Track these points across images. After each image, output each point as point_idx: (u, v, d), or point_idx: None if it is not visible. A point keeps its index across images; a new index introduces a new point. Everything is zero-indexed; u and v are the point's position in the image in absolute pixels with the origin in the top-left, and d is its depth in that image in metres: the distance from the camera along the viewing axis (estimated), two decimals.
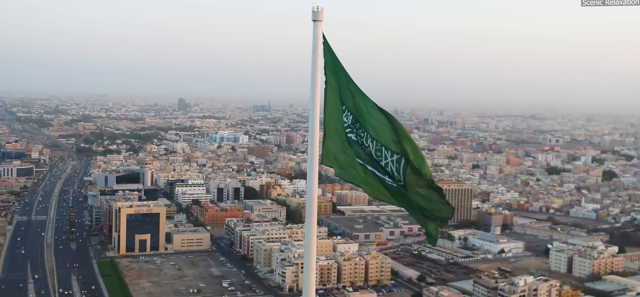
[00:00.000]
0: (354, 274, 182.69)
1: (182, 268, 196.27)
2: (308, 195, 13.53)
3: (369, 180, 13.51)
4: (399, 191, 13.00)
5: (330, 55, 13.43)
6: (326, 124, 13.70)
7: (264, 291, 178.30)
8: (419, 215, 13.05)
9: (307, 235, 13.60)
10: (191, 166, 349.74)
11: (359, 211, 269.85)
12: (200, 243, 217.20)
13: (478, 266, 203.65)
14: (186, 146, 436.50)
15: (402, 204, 13.21)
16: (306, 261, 13.73)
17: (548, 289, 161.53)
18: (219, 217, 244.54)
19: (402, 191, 12.93)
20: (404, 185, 12.81)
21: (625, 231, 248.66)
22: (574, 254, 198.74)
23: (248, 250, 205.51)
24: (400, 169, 12.75)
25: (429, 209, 12.81)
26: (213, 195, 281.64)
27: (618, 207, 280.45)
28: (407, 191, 12.86)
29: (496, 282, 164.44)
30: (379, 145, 13.06)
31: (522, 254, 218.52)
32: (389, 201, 13.53)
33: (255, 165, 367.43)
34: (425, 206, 12.83)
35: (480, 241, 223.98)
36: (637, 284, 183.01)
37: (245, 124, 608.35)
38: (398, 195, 13.10)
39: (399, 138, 12.84)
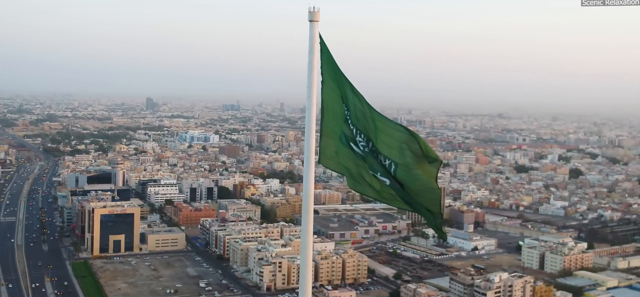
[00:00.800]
0: (332, 273, 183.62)
1: (157, 268, 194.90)
2: (305, 194, 13.77)
3: (368, 179, 13.64)
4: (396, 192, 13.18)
5: (327, 55, 13.56)
6: (323, 123, 13.81)
7: (241, 291, 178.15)
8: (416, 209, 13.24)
9: (304, 234, 13.78)
10: (162, 166, 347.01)
11: (333, 209, 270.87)
12: (175, 243, 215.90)
13: (452, 263, 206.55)
14: (156, 146, 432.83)
15: (398, 204, 13.44)
16: (303, 260, 13.87)
17: (522, 285, 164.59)
18: (193, 217, 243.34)
19: (399, 191, 13.12)
20: (399, 185, 13.03)
21: (593, 227, 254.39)
22: (545, 251, 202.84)
23: (224, 250, 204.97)
24: (392, 170, 13.03)
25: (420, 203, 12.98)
26: (186, 195, 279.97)
27: (585, 204, 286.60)
28: (402, 191, 13.07)
29: (472, 279, 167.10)
30: (373, 145, 13.28)
31: (494, 251, 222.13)
32: (389, 203, 13.68)
33: (227, 164, 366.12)
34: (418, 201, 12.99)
35: (454, 239, 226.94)
36: (606, 279, 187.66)
37: (214, 124, 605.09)
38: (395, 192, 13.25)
39: (389, 140, 13.04)
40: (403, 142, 12.85)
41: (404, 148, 12.84)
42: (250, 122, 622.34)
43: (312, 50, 13.35)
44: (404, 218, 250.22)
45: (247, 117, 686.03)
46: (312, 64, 13.42)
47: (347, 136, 13.73)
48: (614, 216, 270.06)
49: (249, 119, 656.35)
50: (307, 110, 13.55)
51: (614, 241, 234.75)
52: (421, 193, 12.87)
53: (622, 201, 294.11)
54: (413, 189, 12.90)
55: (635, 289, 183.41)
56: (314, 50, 13.35)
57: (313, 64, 13.42)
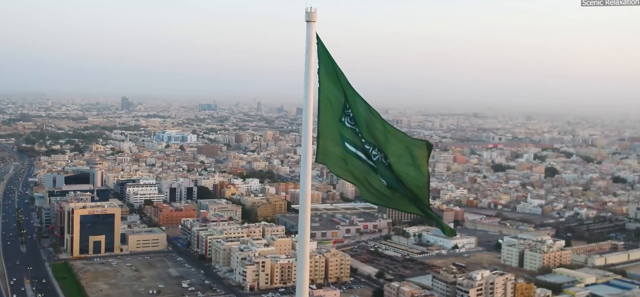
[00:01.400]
0: (315, 272, 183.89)
1: (139, 269, 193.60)
2: (302, 194, 13.79)
3: (364, 177, 13.71)
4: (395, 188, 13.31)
5: (325, 55, 13.65)
6: (320, 123, 13.86)
7: (224, 291, 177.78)
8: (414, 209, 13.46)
9: (301, 233, 13.77)
10: (140, 166, 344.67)
11: (314, 209, 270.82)
12: (156, 244, 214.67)
13: (433, 261, 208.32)
14: (133, 146, 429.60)
15: (394, 205, 13.63)
16: (300, 259, 13.92)
17: (504, 283, 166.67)
18: (173, 217, 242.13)
19: (397, 191, 13.28)
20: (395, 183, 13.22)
21: (570, 225, 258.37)
22: (524, 249, 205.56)
23: (206, 250, 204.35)
24: (388, 169, 13.23)
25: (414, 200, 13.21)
26: (165, 195, 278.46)
27: (561, 202, 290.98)
28: (399, 190, 13.23)
29: (455, 277, 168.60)
30: (370, 143, 13.48)
31: (474, 249, 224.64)
32: (383, 202, 13.79)
33: (205, 164, 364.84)
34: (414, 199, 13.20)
35: (434, 237, 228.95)
36: (585, 276, 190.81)
37: (191, 123, 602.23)
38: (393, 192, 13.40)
39: (385, 139, 13.26)
40: (400, 141, 13.21)
41: (400, 146, 13.17)
42: (227, 122, 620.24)
43: (309, 50, 13.45)
44: (385, 217, 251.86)
45: (224, 116, 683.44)
46: (309, 64, 13.51)
47: (346, 136, 13.81)
48: (589, 213, 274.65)
49: (226, 119, 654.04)
50: (304, 109, 13.64)
51: (591, 238, 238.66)
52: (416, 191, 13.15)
53: (597, 199, 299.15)
54: (410, 187, 13.13)
55: (613, 285, 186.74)
56: (311, 50, 13.45)
57: (310, 64, 13.51)
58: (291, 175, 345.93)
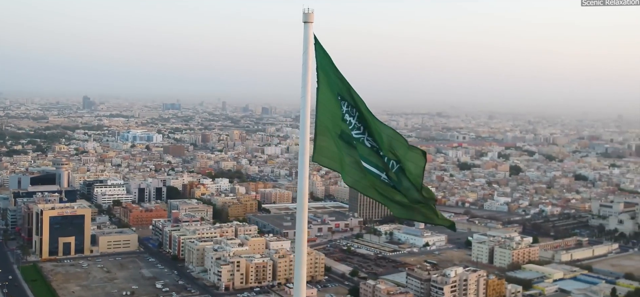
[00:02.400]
0: (289, 271, 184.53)
1: (111, 270, 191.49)
2: (299, 193, 13.86)
3: (361, 175, 13.93)
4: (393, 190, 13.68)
5: (323, 55, 13.76)
6: (318, 122, 13.93)
7: (199, 291, 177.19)
8: (413, 214, 13.91)
9: (299, 232, 13.93)
10: (106, 166, 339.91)
11: (284, 208, 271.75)
12: (127, 244, 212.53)
13: (405, 259, 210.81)
14: (98, 146, 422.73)
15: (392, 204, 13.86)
16: (297, 258, 14.04)
17: (476, 279, 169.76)
18: (144, 218, 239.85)
19: (396, 190, 13.63)
20: (397, 180, 13.60)
21: (536, 222, 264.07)
22: (494, 246, 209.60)
23: (179, 250, 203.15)
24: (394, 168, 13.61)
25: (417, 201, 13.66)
26: (134, 195, 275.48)
27: (527, 200, 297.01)
28: (400, 188, 13.58)
29: (429, 274, 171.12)
30: (374, 141, 13.71)
31: (445, 246, 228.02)
32: (380, 200, 14.07)
33: (172, 164, 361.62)
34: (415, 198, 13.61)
35: (406, 235, 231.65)
36: (553, 272, 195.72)
37: (156, 123, 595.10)
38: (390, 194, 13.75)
39: (390, 141, 13.62)
40: (395, 141, 13.75)
41: (396, 146, 13.70)
42: (192, 122, 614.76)
43: (306, 50, 13.57)
44: (356, 216, 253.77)
45: (188, 116, 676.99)
46: (307, 65, 13.62)
47: (347, 135, 13.96)
48: (554, 211, 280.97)
49: (191, 118, 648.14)
50: (301, 109, 13.74)
51: (556, 235, 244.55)
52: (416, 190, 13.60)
53: (561, 196, 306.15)
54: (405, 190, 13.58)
55: (580, 280, 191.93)
56: (309, 51, 13.58)
57: (307, 65, 13.62)
58: (260, 174, 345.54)
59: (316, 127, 13.93)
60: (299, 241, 14.01)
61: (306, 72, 13.58)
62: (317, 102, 13.86)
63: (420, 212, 13.89)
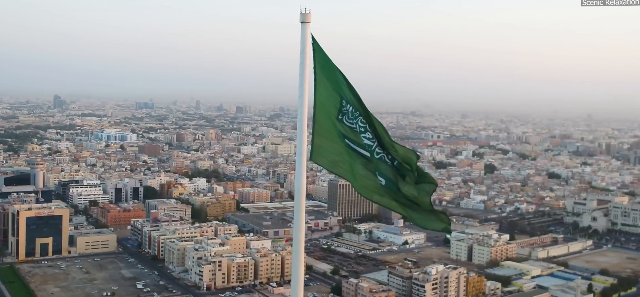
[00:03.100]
0: (271, 270, 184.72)
1: (90, 271, 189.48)
2: (297, 192, 14.00)
3: (361, 174, 13.99)
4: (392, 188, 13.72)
5: (322, 54, 13.78)
6: (316, 121, 13.88)
7: (181, 291, 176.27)
8: (411, 213, 13.96)
9: (296, 231, 13.98)
10: (81, 166, 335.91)
11: (263, 208, 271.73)
12: (106, 245, 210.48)
13: (385, 257, 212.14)
14: (71, 145, 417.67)
15: (392, 204, 13.93)
16: (295, 257, 14.10)
17: (457, 276, 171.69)
18: (122, 218, 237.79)
19: (395, 188, 13.67)
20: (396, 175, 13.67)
21: (512, 219, 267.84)
22: (473, 243, 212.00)
23: (159, 250, 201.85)
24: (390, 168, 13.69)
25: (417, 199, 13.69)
26: (111, 195, 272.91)
27: (502, 198, 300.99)
28: (400, 182, 13.63)
29: (410, 272, 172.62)
30: (374, 139, 13.77)
31: (424, 244, 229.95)
32: (378, 200, 14.14)
33: (148, 164, 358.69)
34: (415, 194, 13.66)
35: (385, 234, 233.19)
36: (530, 268, 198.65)
37: (129, 122, 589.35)
38: (389, 192, 13.83)
39: (390, 140, 13.79)
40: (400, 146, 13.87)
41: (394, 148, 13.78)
42: (166, 121, 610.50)
43: (304, 50, 13.61)
44: (335, 215, 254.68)
45: (162, 115, 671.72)
46: (304, 65, 13.69)
47: (345, 134, 13.98)
48: (529, 208, 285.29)
49: (165, 117, 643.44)
50: (299, 109, 13.82)
51: (532, 232, 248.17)
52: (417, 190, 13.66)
53: (535, 194, 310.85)
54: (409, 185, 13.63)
55: (557, 276, 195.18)
56: (306, 50, 13.62)
57: (305, 64, 13.69)
58: (237, 174, 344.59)
59: (314, 126, 13.89)
60: (297, 240, 14.00)
61: (303, 72, 13.66)
62: (314, 102, 13.88)
63: (417, 213, 13.93)
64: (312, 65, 13.73)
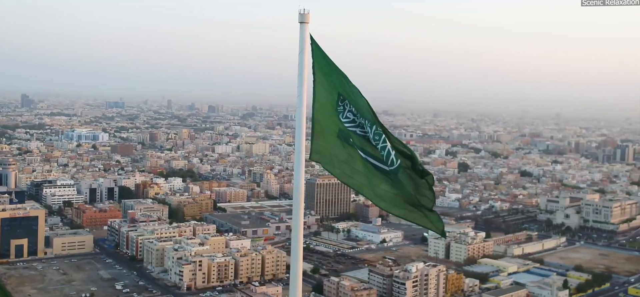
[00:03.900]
0: (251, 270, 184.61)
1: (67, 272, 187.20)
2: (295, 192, 13.98)
3: (360, 173, 13.91)
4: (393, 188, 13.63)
5: (320, 54, 13.79)
6: (315, 121, 13.88)
7: (161, 291, 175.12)
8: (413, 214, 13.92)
9: (295, 230, 13.97)
10: (52, 166, 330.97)
11: (240, 207, 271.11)
12: (82, 246, 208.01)
13: (364, 256, 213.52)
14: (41, 145, 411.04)
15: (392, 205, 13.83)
16: (293, 257, 14.10)
17: (437, 274, 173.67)
18: (98, 219, 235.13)
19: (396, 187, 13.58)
20: (397, 168, 13.53)
21: (487, 217, 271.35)
22: (450, 241, 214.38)
23: (137, 250, 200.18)
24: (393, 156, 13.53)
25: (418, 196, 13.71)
26: (85, 196, 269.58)
27: (477, 196, 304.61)
28: (399, 176, 13.51)
29: (391, 270, 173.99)
30: (379, 134, 13.64)
31: (401, 242, 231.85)
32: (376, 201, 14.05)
33: (122, 163, 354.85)
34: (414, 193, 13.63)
35: (363, 232, 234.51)
36: (507, 265, 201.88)
37: (100, 122, 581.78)
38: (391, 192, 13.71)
39: (392, 139, 13.64)
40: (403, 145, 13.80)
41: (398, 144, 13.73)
42: (137, 120, 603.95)
43: (302, 51, 13.65)
44: (313, 214, 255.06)
45: (133, 114, 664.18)
46: (303, 65, 13.71)
47: (345, 133, 13.93)
48: (503, 206, 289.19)
49: (136, 117, 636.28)
50: (297, 109, 13.84)
51: (507, 229, 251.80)
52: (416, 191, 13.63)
53: (509, 192, 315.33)
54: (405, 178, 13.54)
55: (533, 273, 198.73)
56: (305, 51, 13.65)
57: (303, 65, 13.71)
58: (213, 173, 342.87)
59: (313, 126, 13.93)
60: (295, 240, 14.02)
61: (302, 72, 13.70)
62: (313, 102, 13.88)
63: (415, 214, 13.92)
64: (310, 65, 13.76)
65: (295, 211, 13.99)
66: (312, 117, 13.87)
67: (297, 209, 13.91)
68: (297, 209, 13.94)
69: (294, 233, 14.09)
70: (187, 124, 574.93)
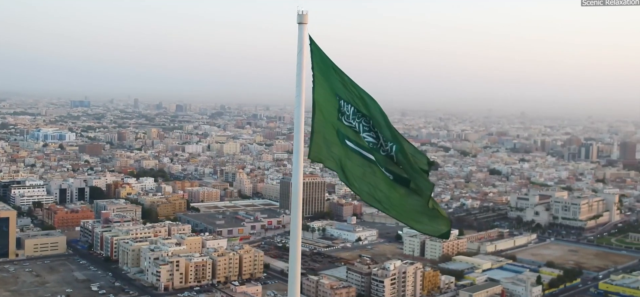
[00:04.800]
0: (229, 269, 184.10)
1: (41, 274, 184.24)
2: (294, 191, 13.91)
3: (358, 175, 13.75)
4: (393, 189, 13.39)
5: (320, 55, 13.80)
6: (315, 121, 13.85)
7: (138, 292, 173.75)
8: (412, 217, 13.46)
9: (294, 230, 13.90)
10: (19, 167, 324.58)
11: (213, 207, 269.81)
12: (55, 247, 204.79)
13: (340, 254, 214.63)
14: (6, 145, 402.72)
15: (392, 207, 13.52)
16: (292, 257, 14.02)
17: (414, 271, 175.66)
18: (70, 219, 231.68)
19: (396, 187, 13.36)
20: (400, 174, 13.29)
21: (459, 215, 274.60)
22: (425, 239, 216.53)
23: (112, 251, 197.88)
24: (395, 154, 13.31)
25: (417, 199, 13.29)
26: (55, 196, 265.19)
27: (448, 194, 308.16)
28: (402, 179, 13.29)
29: (369, 268, 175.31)
30: (379, 134, 13.49)
31: (376, 241, 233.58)
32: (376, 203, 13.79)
33: (91, 163, 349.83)
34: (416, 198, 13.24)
35: (338, 231, 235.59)
36: (481, 262, 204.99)
37: (65, 121, 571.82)
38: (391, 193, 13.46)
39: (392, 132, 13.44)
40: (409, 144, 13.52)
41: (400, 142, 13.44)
42: (104, 119, 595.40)
43: (301, 51, 13.67)
44: (287, 213, 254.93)
45: (99, 113, 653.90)
46: (301, 66, 13.71)
47: (345, 133, 13.87)
48: (474, 204, 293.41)
49: (103, 116, 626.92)
50: (296, 109, 13.75)
51: (479, 227, 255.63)
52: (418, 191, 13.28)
53: (479, 190, 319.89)
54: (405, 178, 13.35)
55: (506, 269, 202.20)
56: (303, 51, 13.66)
57: (302, 65, 13.71)
58: (184, 173, 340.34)
59: (312, 126, 13.88)
60: (294, 239, 13.97)
61: (300, 72, 13.68)
62: (313, 102, 13.85)
63: (416, 220, 13.49)
64: (309, 66, 13.74)
65: (294, 210, 13.93)
66: (312, 117, 13.83)
67: (296, 209, 13.86)
68: (296, 209, 13.89)
69: (292, 233, 13.93)
70: (155, 123, 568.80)
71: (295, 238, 13.86)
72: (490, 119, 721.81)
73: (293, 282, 13.99)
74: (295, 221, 13.80)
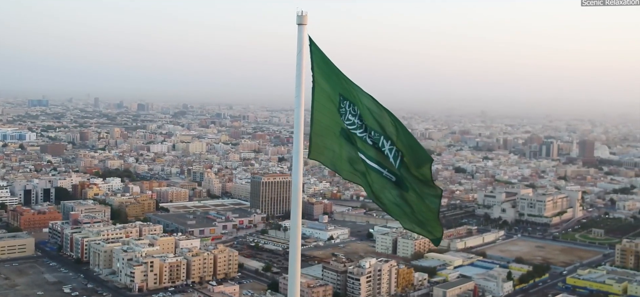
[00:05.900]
0: (203, 269, 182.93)
1: (9, 277, 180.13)
2: (294, 191, 13.98)
3: (359, 173, 13.92)
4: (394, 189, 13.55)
5: (320, 56, 13.82)
6: (314, 121, 13.92)
7: (112, 294, 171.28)
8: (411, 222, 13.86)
9: (293, 229, 13.94)
10: None
11: (182, 207, 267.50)
12: (23, 249, 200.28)
13: (313, 253, 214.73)
14: None
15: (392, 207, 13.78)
16: (292, 256, 14.05)
17: (389, 269, 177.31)
18: (36, 221, 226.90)
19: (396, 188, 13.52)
20: (400, 176, 13.41)
21: None
22: (397, 237, 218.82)
23: (82, 253, 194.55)
24: (397, 161, 13.40)
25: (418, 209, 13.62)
26: (20, 198, 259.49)
27: None
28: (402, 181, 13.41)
29: (345, 266, 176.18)
30: (378, 134, 13.50)
31: (348, 239, 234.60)
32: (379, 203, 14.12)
33: (53, 164, 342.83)
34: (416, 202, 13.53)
35: (310, 230, 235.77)
36: (453, 259, 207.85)
37: (24, 120, 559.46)
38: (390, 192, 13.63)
39: (396, 132, 13.45)
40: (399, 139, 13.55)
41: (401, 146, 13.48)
42: (64, 119, 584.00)
43: (300, 52, 13.76)
44: (258, 212, 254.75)
45: (58, 113, 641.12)
46: (301, 66, 13.78)
47: (345, 133, 13.91)
48: (442, 202, 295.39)
49: (62, 115, 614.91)
50: (296, 109, 13.85)
51: (447, 224, 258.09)
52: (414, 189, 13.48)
53: (446, 188, 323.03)
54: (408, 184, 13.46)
55: (477, 266, 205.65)
56: (303, 52, 13.75)
57: (301, 66, 13.78)
58: (151, 173, 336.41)
59: (312, 126, 13.98)
60: (294, 239, 14.02)
61: (300, 73, 13.75)
62: (312, 102, 13.89)
63: (418, 224, 13.85)
64: (309, 66, 13.77)
65: (294, 210, 13.92)
66: (311, 117, 13.92)
67: (296, 209, 13.87)
68: (296, 209, 13.90)
69: (292, 233, 13.95)
70: (117, 123, 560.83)
71: (295, 238, 13.91)
72: (452, 118, 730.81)
73: (293, 282, 14.06)
74: (295, 221, 13.85)
